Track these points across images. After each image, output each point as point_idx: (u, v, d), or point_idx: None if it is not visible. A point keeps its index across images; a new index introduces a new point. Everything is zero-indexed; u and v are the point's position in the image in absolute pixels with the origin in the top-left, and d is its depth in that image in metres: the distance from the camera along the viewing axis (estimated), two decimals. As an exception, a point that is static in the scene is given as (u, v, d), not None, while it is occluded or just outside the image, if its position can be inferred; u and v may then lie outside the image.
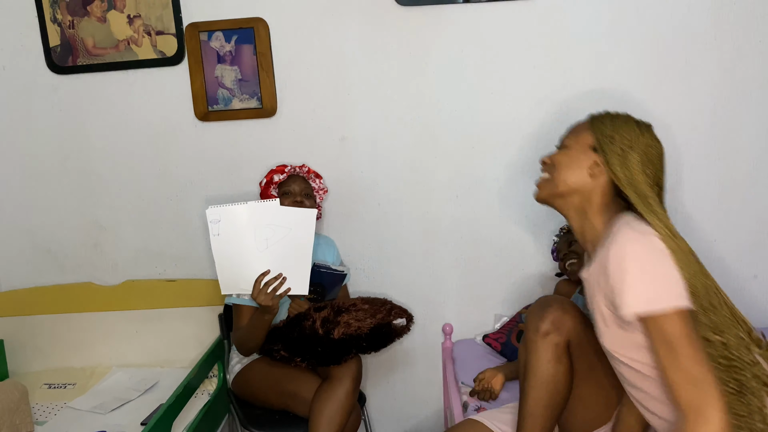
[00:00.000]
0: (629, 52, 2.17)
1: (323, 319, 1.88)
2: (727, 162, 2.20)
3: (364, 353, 1.94)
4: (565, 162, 1.38)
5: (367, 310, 1.92)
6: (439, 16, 2.18)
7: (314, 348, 1.87)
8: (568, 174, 1.37)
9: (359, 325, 1.87)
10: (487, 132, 2.26)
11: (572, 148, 1.39)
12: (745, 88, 2.16)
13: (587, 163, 1.36)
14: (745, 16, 2.11)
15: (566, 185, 1.37)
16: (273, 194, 2.12)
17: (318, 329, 1.86)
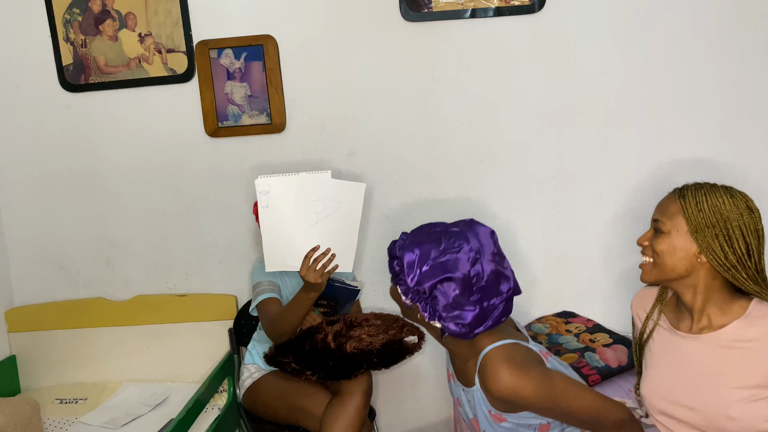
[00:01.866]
0: (635, 64, 2.17)
1: (335, 333, 1.87)
2: (735, 173, 2.20)
3: (375, 369, 1.93)
4: (668, 251, 1.36)
5: (379, 325, 1.91)
6: (445, 30, 2.20)
7: (325, 362, 1.87)
8: (675, 262, 1.36)
9: (371, 341, 1.86)
10: (495, 145, 2.26)
11: (672, 234, 1.36)
12: (752, 99, 2.16)
13: (692, 250, 1.35)
14: (752, 28, 2.11)
15: (676, 273, 1.37)
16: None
17: (330, 343, 1.86)
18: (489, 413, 1.44)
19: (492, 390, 1.33)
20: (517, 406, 1.37)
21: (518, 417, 1.42)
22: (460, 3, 2.17)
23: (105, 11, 2.26)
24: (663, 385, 1.42)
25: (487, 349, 1.38)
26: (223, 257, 2.41)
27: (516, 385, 1.31)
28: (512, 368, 1.33)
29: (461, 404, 1.56)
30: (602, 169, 2.24)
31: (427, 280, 1.37)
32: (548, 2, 2.15)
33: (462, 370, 1.49)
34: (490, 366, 1.34)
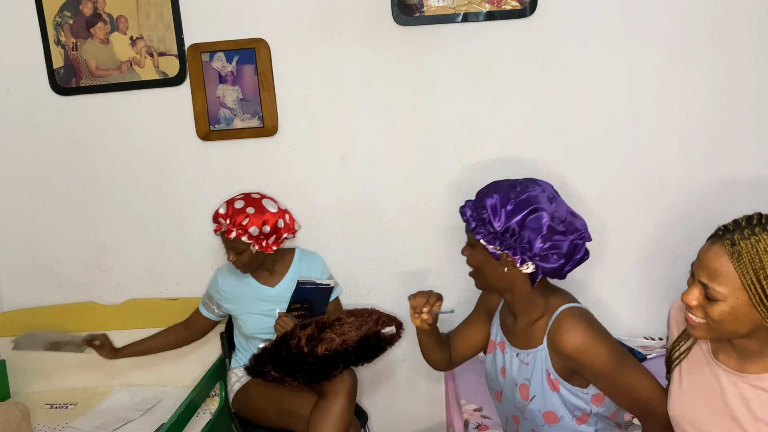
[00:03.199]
0: (626, 68, 2.18)
1: (308, 337, 1.88)
2: (726, 178, 2.21)
3: (355, 365, 1.94)
4: (728, 319, 1.16)
5: (352, 323, 1.92)
6: (437, 35, 2.20)
7: (303, 367, 1.88)
8: (738, 327, 1.18)
9: (344, 339, 1.87)
10: (487, 150, 2.27)
11: (728, 300, 1.15)
12: (741, 106, 2.17)
13: (749, 309, 1.15)
14: (741, 36, 2.13)
15: (737, 334, 1.20)
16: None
17: (304, 347, 1.87)
18: (547, 377, 1.44)
19: (565, 346, 1.36)
20: (583, 368, 1.38)
21: (572, 390, 1.43)
22: (452, 7, 2.18)
23: (96, 14, 2.26)
24: (693, 411, 1.31)
25: (563, 307, 1.42)
26: (215, 261, 2.40)
27: (590, 344, 1.35)
28: (590, 328, 1.37)
29: (507, 372, 1.54)
30: (594, 172, 2.25)
31: (514, 217, 1.39)
32: (540, 7, 2.15)
33: (525, 331, 1.50)
34: (567, 322, 1.38)
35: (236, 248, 2.03)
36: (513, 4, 2.16)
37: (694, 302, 1.19)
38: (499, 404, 1.65)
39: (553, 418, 1.46)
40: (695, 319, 1.21)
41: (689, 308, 1.21)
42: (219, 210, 2.05)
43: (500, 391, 1.60)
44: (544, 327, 1.45)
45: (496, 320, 1.66)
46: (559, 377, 1.43)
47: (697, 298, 1.19)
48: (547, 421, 1.47)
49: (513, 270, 1.44)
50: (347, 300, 2.37)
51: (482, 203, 1.44)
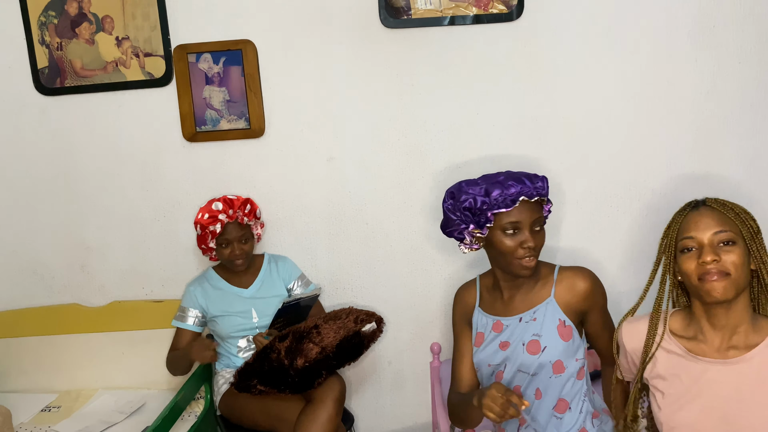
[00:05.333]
0: (612, 72, 2.20)
1: (287, 349, 1.90)
2: (709, 181, 2.23)
3: (339, 368, 1.95)
4: (744, 263, 1.29)
5: (330, 327, 1.93)
6: (424, 38, 2.21)
7: (286, 378, 1.89)
8: (746, 272, 1.30)
9: (323, 346, 1.89)
10: (474, 152, 2.28)
11: (738, 243, 1.30)
12: (723, 110, 2.19)
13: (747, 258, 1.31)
14: (724, 41, 2.15)
15: (746, 284, 1.31)
16: (212, 246, 2.14)
17: (283, 360, 1.88)
18: (560, 326, 1.60)
19: (581, 285, 1.61)
20: (595, 303, 1.62)
21: (576, 339, 1.61)
22: (439, 10, 2.18)
23: (81, 14, 2.24)
24: (689, 416, 1.33)
25: (557, 266, 1.68)
26: (201, 263, 2.39)
27: (597, 280, 1.64)
28: (590, 270, 1.65)
29: (511, 342, 1.63)
30: (580, 174, 2.26)
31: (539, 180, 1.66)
32: (526, 11, 2.17)
33: (524, 296, 1.66)
34: (572, 270, 1.64)
35: (243, 237, 2.14)
36: (500, 8, 2.17)
37: (711, 257, 1.27)
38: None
39: (560, 367, 1.59)
40: (715, 278, 1.27)
41: (710, 267, 1.27)
42: (212, 208, 2.11)
43: (502, 367, 1.63)
44: (547, 285, 1.64)
45: (477, 313, 1.71)
46: (573, 323, 1.61)
47: (714, 253, 1.27)
48: (555, 372, 1.59)
49: None
50: (335, 302, 2.37)
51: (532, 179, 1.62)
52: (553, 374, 1.58)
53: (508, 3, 2.16)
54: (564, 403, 1.60)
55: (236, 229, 2.13)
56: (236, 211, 2.14)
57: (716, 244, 1.29)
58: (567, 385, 1.60)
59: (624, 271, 2.31)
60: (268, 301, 2.17)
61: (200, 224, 2.12)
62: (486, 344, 1.67)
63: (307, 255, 2.36)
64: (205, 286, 2.21)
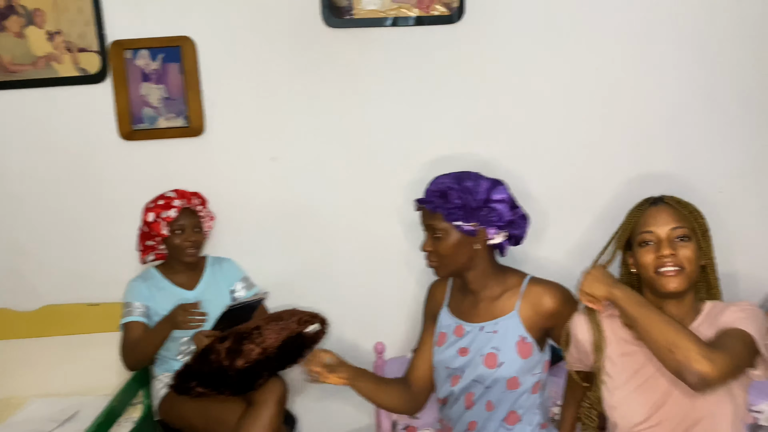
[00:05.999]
0: (553, 75, 2.25)
1: (227, 350, 1.87)
2: (650, 180, 2.30)
3: (281, 370, 1.93)
4: (696, 258, 1.38)
5: (272, 328, 1.91)
6: (367, 38, 2.21)
7: (226, 380, 1.86)
8: (698, 267, 1.39)
9: (264, 347, 1.87)
10: (420, 153, 2.28)
11: (692, 239, 1.39)
12: (663, 112, 2.27)
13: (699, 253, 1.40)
14: (665, 47, 2.23)
15: (697, 278, 1.41)
16: (164, 233, 2.09)
17: (223, 361, 1.85)
18: (519, 342, 1.57)
19: (549, 305, 1.57)
20: (562, 320, 1.55)
21: (537, 355, 1.58)
22: (382, 11, 2.19)
23: (9, 6, 2.15)
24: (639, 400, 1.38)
25: (528, 277, 1.63)
26: (139, 264, 2.32)
27: (567, 297, 1.59)
28: (560, 285, 1.61)
29: (470, 350, 1.61)
30: (530, 176, 2.29)
31: (484, 192, 1.58)
32: (467, 13, 2.19)
33: (488, 305, 1.63)
34: (542, 286, 1.60)
35: (196, 226, 2.13)
36: (441, 10, 2.19)
37: (668, 251, 1.35)
38: (453, 388, 1.66)
39: (515, 384, 1.59)
40: (671, 270, 1.35)
41: (665, 261, 1.34)
42: (165, 195, 2.11)
43: (459, 373, 1.63)
44: (513, 297, 1.61)
45: (444, 313, 1.71)
46: (534, 340, 1.58)
47: (671, 248, 1.35)
48: (509, 387, 1.58)
49: (482, 245, 1.59)
50: (279, 304, 2.32)
51: (449, 189, 1.58)
52: (507, 389, 1.59)
53: (450, 5, 2.18)
54: (515, 415, 1.61)
55: (190, 216, 2.11)
56: (190, 199, 2.13)
57: (673, 239, 1.36)
58: (521, 399, 1.60)
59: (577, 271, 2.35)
60: (213, 304, 2.13)
61: (153, 212, 2.08)
62: (447, 346, 1.68)
63: (250, 257, 2.32)
64: (150, 284, 2.15)
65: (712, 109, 2.29)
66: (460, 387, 1.63)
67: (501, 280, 1.64)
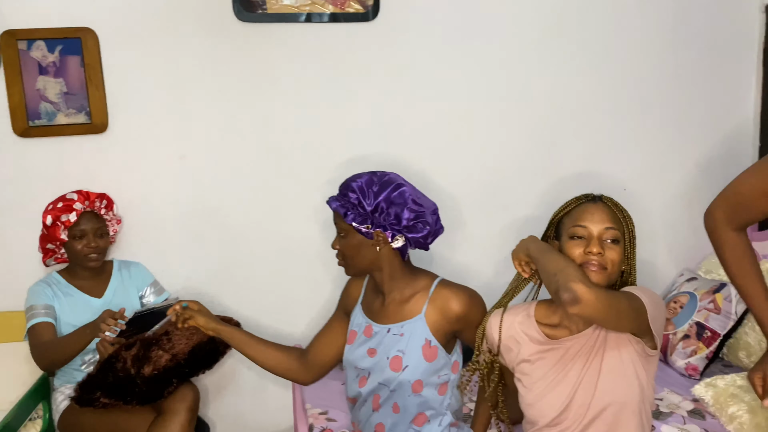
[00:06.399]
0: (466, 74, 2.28)
1: (134, 357, 1.79)
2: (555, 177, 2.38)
3: (193, 376, 1.87)
4: (621, 261, 1.40)
5: (182, 333, 1.85)
6: (281, 33, 2.17)
7: (133, 389, 1.79)
8: (620, 267, 1.41)
9: (174, 353, 1.81)
10: (334, 150, 2.26)
11: (621, 243, 1.40)
12: (567, 111, 2.35)
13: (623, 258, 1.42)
14: (568, 48, 2.31)
15: (617, 279, 1.43)
16: (63, 238, 1.97)
17: (130, 369, 1.77)
18: (425, 346, 1.55)
19: (456, 309, 1.54)
20: (469, 323, 1.55)
21: (443, 357, 1.57)
22: (296, 6, 2.15)
23: None
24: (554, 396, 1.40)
25: (437, 279, 1.60)
26: (36, 271, 2.17)
27: (475, 299, 1.57)
28: (467, 288, 1.59)
29: (377, 351, 1.59)
30: (444, 176, 2.31)
31: (381, 195, 1.54)
32: (382, 11, 2.19)
33: (397, 307, 1.61)
34: (450, 289, 1.57)
35: (99, 230, 2.02)
36: (356, 8, 2.17)
37: (597, 249, 1.36)
38: (361, 389, 1.64)
39: (419, 386, 1.56)
40: (595, 267, 1.36)
41: (590, 259, 1.37)
42: (65, 197, 1.99)
43: (366, 374, 1.62)
44: (422, 300, 1.58)
45: (357, 310, 1.70)
46: (440, 344, 1.56)
47: (599, 246, 1.37)
48: (413, 391, 1.56)
49: (384, 247, 1.56)
50: (189, 307, 2.26)
51: (348, 189, 1.56)
52: (411, 392, 1.57)
53: (365, 3, 2.17)
54: (423, 417, 1.59)
55: (93, 220, 2.00)
56: (93, 202, 2.01)
57: (603, 239, 1.38)
58: (427, 401, 1.59)
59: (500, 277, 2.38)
60: None
61: (51, 214, 1.95)
62: (357, 345, 1.66)
63: (159, 260, 2.23)
64: (54, 289, 2.02)
65: (618, 111, 2.39)
66: (367, 389, 1.61)
67: (411, 282, 1.61)
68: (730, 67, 2.43)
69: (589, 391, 1.36)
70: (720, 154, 2.46)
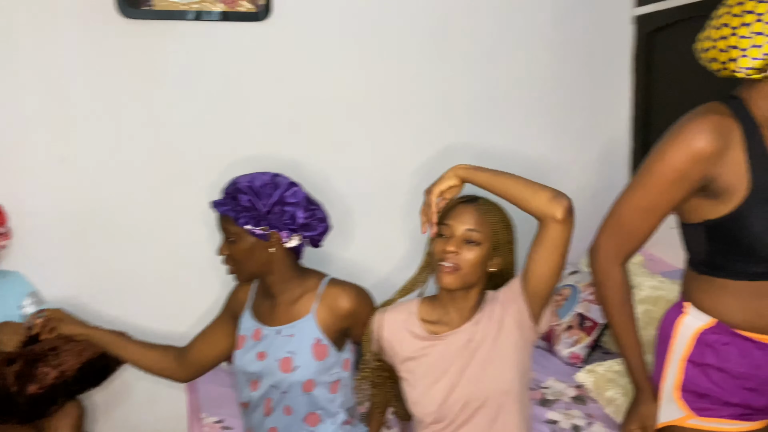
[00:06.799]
0: (359, 76, 2.30)
1: (16, 374, 1.67)
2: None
3: (80, 394, 1.78)
4: (479, 263, 1.40)
5: (71, 349, 1.74)
6: (169, 31, 2.10)
7: (13, 407, 1.67)
8: (479, 271, 1.42)
9: (62, 370, 1.71)
10: (225, 151, 2.21)
11: (482, 246, 1.40)
12: (456, 112, 2.43)
13: (492, 263, 1.43)
14: (459, 41, 2.38)
15: (476, 280, 1.43)
16: None
17: (11, 387, 1.66)
18: (315, 345, 1.56)
19: (345, 306, 1.57)
20: (359, 321, 1.57)
21: (333, 355, 1.58)
22: (185, 3, 2.09)
23: None
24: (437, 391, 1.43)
25: (327, 278, 1.62)
26: None
27: (364, 297, 1.60)
28: (357, 286, 1.61)
29: (267, 354, 1.58)
30: (336, 176, 2.32)
31: (275, 195, 1.53)
32: (275, 11, 2.17)
33: (287, 308, 1.60)
34: (339, 287, 1.59)
35: None
36: (248, 7, 2.14)
37: (453, 248, 1.39)
38: (252, 394, 1.62)
39: (311, 386, 1.57)
40: (448, 266, 1.39)
41: (447, 256, 1.39)
42: None
43: (257, 378, 1.60)
44: (311, 299, 1.59)
45: (246, 315, 1.67)
46: (330, 342, 1.57)
47: (457, 245, 1.39)
48: (305, 390, 1.56)
49: (279, 249, 1.56)
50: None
51: (238, 191, 1.53)
52: (302, 392, 1.58)
53: (256, 2, 2.14)
54: (315, 416, 1.60)
55: None
56: None
57: (463, 239, 1.40)
58: (319, 401, 1.60)
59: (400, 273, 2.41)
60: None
61: None
62: (245, 350, 1.64)
63: (40, 269, 2.09)
64: None
65: (504, 114, 2.49)
66: (258, 394, 1.60)
67: (301, 282, 1.62)
68: (606, 75, 2.59)
69: (471, 383, 1.41)
70: (599, 157, 2.63)
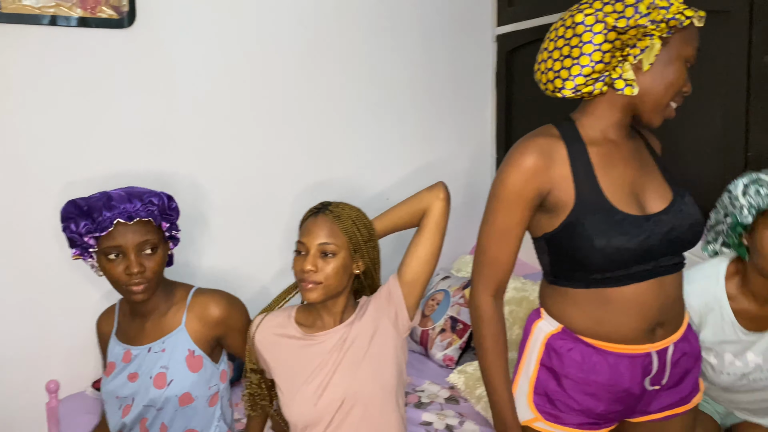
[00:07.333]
0: (227, 87, 2.27)
1: None
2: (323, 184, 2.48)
3: None
4: (340, 272, 1.42)
5: None
6: (20, 36, 1.96)
7: None
8: (343, 278, 1.44)
9: None
10: (85, 165, 2.09)
11: (339, 254, 1.42)
12: (334, 118, 2.47)
13: (348, 262, 1.44)
14: (333, 52, 2.41)
15: (342, 287, 1.45)
16: None
17: None
18: (189, 357, 1.53)
19: (215, 313, 1.55)
20: (231, 328, 1.57)
21: (209, 366, 1.56)
22: (37, 7, 1.95)
23: None
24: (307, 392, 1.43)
25: (194, 288, 1.60)
26: None
27: (234, 302, 1.59)
28: (226, 293, 1.60)
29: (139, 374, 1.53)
30: (212, 184, 2.28)
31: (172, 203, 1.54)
32: (139, 18, 2.09)
33: (155, 325, 1.56)
34: (206, 295, 1.57)
35: None
36: (109, 13, 2.05)
37: (309, 267, 1.40)
38: (125, 420, 1.54)
39: (188, 399, 1.52)
40: (311, 286, 1.40)
41: (306, 276, 1.40)
42: None
43: (130, 402, 1.52)
44: (180, 311, 1.56)
45: (113, 341, 1.60)
46: (204, 353, 1.55)
47: (313, 263, 1.40)
48: (181, 404, 1.52)
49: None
50: None
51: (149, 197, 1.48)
52: (179, 407, 1.53)
53: (119, 9, 2.05)
54: None
55: None
56: None
57: (319, 254, 1.41)
58: (197, 415, 1.56)
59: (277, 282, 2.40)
60: None
61: None
62: (115, 375, 1.55)
63: None
64: None
65: (380, 124, 2.58)
66: (131, 417, 1.53)
67: (168, 296, 1.57)
68: (472, 90, 2.76)
69: (345, 381, 1.43)
70: (466, 168, 2.79)
